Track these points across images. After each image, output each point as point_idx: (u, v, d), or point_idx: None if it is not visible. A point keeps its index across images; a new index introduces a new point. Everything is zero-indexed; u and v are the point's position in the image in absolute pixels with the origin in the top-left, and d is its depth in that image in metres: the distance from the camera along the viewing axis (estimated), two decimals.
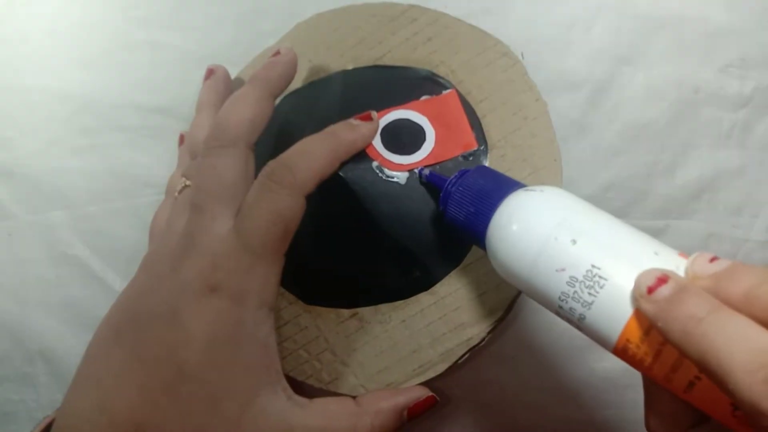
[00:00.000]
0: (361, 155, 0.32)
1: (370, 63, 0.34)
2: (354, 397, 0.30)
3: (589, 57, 0.37)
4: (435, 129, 0.32)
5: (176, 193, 0.30)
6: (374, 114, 0.32)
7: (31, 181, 0.37)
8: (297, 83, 0.35)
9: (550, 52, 0.37)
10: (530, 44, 0.37)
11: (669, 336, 0.19)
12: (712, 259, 0.21)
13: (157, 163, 0.37)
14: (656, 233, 0.37)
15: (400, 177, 0.32)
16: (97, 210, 0.37)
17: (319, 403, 0.28)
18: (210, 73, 0.35)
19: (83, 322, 0.38)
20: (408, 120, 0.32)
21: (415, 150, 0.32)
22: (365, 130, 0.31)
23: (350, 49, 0.35)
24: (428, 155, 0.32)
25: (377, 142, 0.32)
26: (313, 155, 0.28)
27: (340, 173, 0.31)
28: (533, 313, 0.36)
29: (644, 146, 0.37)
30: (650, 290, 0.20)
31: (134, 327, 0.27)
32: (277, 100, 0.35)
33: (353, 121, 0.31)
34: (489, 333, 0.31)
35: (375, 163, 0.32)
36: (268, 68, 0.31)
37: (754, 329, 0.18)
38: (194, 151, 0.32)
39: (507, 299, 0.31)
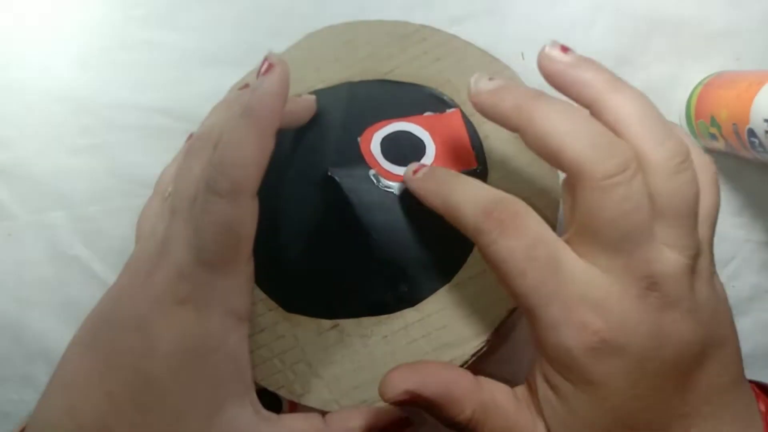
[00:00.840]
0: (359, 161, 0.31)
1: (378, 77, 0.34)
2: (324, 414, 0.29)
3: (589, 57, 0.37)
4: (435, 144, 0.31)
5: (166, 194, 0.30)
6: (273, 57, 0.26)
7: (31, 181, 0.37)
8: (302, 91, 0.35)
9: None
10: (530, 44, 0.37)
11: (426, 199, 0.27)
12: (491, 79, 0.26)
13: (157, 163, 0.37)
14: None
15: (396, 187, 0.30)
16: (97, 210, 0.37)
17: (287, 419, 0.27)
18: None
19: None
20: (409, 132, 0.31)
21: (415, 162, 0.31)
22: (271, 86, 0.25)
23: (358, 62, 0.35)
24: None
25: (376, 150, 0.31)
26: (240, 149, 0.25)
27: (335, 177, 0.30)
28: None
29: None
30: (414, 172, 0.28)
31: (107, 332, 0.26)
32: None
33: (256, 82, 0.26)
34: (473, 356, 0.29)
35: (372, 171, 0.30)
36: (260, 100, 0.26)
37: (475, 185, 0.26)
38: None
39: (495, 321, 0.29)
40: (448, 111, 0.33)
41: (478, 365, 0.29)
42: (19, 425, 0.31)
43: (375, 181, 0.30)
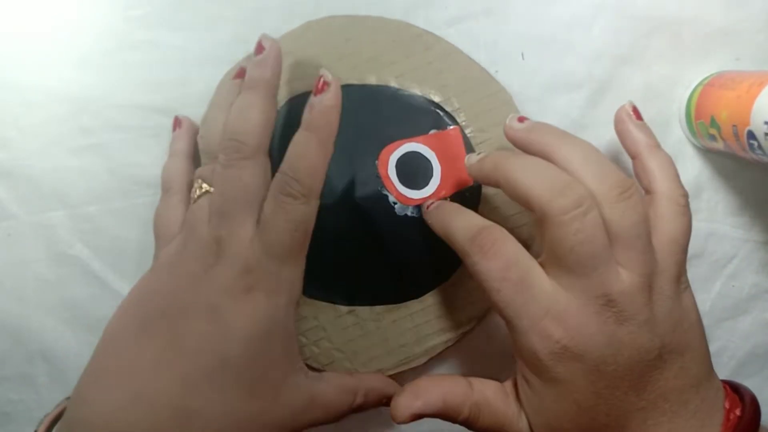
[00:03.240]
0: (380, 186, 0.35)
1: (382, 82, 0.36)
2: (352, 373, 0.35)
3: (589, 57, 0.37)
4: (441, 164, 0.35)
5: (194, 196, 0.32)
6: (326, 74, 0.30)
7: (31, 181, 0.37)
8: (303, 89, 0.36)
9: (550, 52, 0.37)
10: (530, 44, 0.37)
11: (434, 227, 0.32)
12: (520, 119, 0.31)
13: (157, 163, 0.37)
14: None
15: (410, 210, 0.35)
16: (97, 210, 0.37)
17: (330, 376, 0.33)
18: (241, 74, 0.34)
19: (83, 322, 0.38)
20: (419, 153, 0.35)
21: (425, 185, 0.35)
22: (329, 102, 0.30)
23: (363, 63, 0.36)
24: (434, 191, 0.35)
25: (393, 175, 0.35)
26: (309, 157, 0.29)
27: (362, 206, 0.35)
28: None
29: None
30: (428, 207, 0.33)
31: (168, 322, 0.29)
32: (282, 100, 0.36)
33: (314, 99, 0.30)
34: (463, 335, 0.37)
35: (392, 198, 0.35)
36: (261, 68, 0.31)
37: (468, 216, 0.30)
38: (211, 151, 0.32)
39: (479, 313, 0.36)
40: (449, 128, 0.36)
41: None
42: (46, 418, 0.31)
43: (393, 205, 0.35)
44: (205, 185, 0.31)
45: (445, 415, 0.29)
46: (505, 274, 0.27)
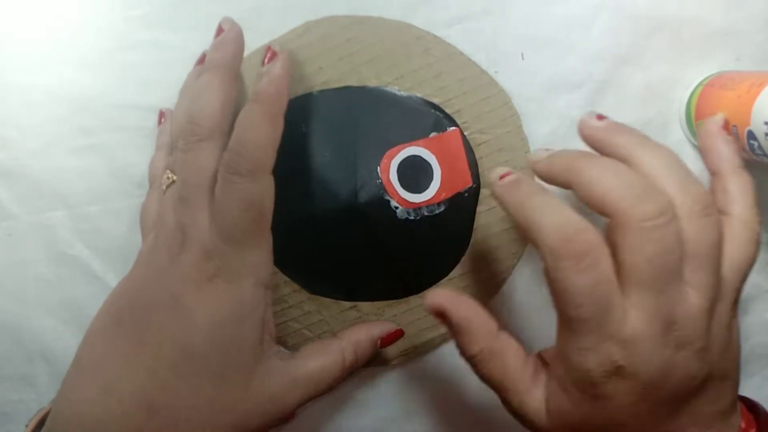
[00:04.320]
0: (382, 191, 0.35)
1: (382, 84, 0.36)
2: (333, 335, 0.34)
3: (589, 57, 0.37)
4: (441, 167, 0.36)
5: (164, 188, 0.31)
6: (275, 45, 0.31)
7: (31, 181, 0.37)
8: (303, 89, 0.36)
9: (550, 52, 0.37)
10: (530, 44, 0.37)
11: (508, 208, 0.27)
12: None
13: None
14: None
15: (411, 213, 0.36)
16: (97, 210, 0.37)
17: (307, 348, 0.32)
18: (202, 59, 0.35)
19: (83, 322, 0.37)
20: (419, 157, 0.36)
21: (425, 188, 0.36)
22: (278, 71, 0.29)
23: (362, 65, 0.36)
24: (435, 194, 0.36)
25: (394, 179, 0.35)
26: (254, 131, 0.28)
27: (364, 210, 0.35)
28: (528, 299, 0.37)
29: None
30: (501, 177, 0.29)
31: (136, 315, 0.29)
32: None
33: (262, 69, 0.30)
34: None
35: (393, 203, 0.35)
36: (220, 50, 0.31)
37: (558, 206, 0.25)
38: (175, 140, 0.32)
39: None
40: (449, 129, 0.36)
41: None
42: (39, 413, 0.31)
43: (395, 209, 0.36)
44: (172, 175, 0.31)
45: (459, 334, 0.28)
46: (594, 290, 0.24)
